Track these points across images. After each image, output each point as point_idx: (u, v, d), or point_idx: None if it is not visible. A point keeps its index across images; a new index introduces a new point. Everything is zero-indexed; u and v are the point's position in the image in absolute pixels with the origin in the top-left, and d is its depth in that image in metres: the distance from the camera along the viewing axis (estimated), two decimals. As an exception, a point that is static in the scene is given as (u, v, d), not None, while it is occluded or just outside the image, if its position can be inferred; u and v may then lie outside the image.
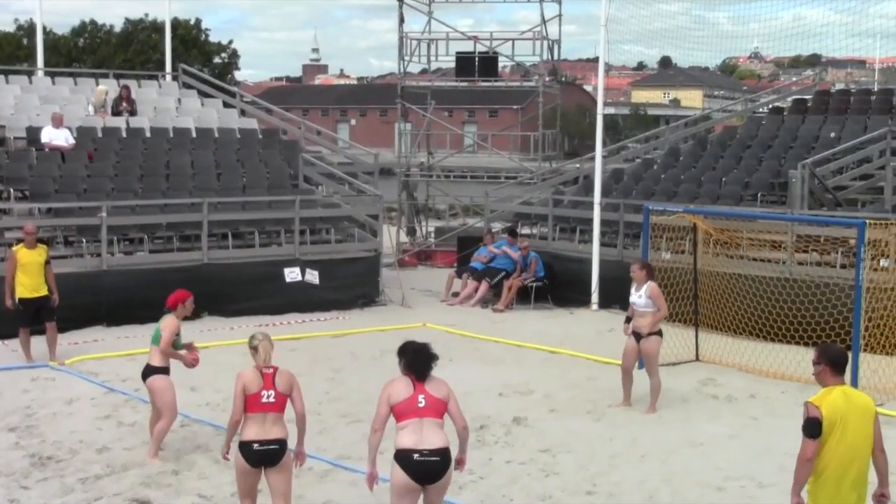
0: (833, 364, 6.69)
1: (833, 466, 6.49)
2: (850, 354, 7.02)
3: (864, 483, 6.65)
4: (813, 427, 6.47)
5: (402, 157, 28.46)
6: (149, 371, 10.24)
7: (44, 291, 14.37)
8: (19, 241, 15.04)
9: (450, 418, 7.26)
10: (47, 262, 14.47)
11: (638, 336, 12.30)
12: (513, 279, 20.03)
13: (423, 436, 7.06)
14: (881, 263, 14.71)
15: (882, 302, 14.01)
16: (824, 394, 6.59)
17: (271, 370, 7.77)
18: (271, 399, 7.66)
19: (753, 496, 9.49)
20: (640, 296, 12.28)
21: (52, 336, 14.42)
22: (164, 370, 10.22)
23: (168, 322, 10.24)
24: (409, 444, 7.06)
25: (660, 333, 12.37)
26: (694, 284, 15.65)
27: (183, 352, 10.45)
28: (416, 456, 7.03)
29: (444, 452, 7.11)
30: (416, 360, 7.27)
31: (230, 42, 72.26)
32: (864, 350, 13.12)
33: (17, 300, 14.27)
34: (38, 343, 14.45)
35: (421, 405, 7.12)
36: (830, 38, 23.00)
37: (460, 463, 7.42)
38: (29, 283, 14.26)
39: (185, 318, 10.69)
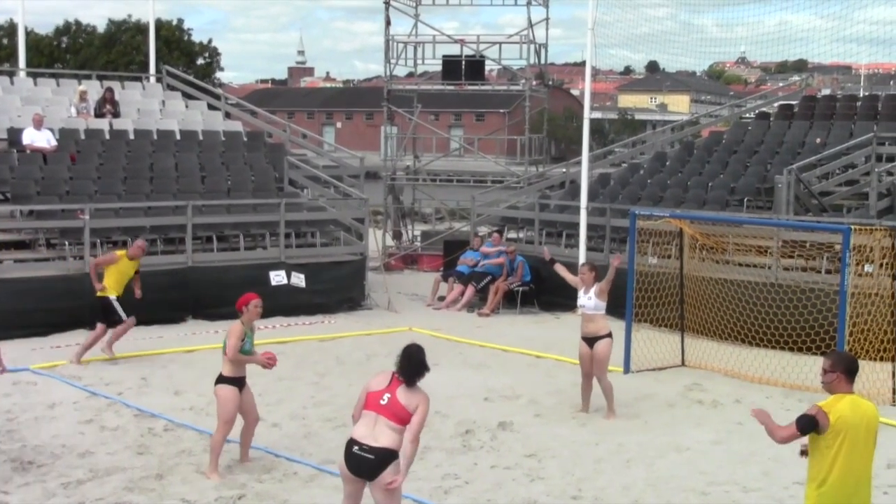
0: (849, 373, 6.63)
1: (835, 475, 6.43)
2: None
3: (867, 493, 6.57)
4: (808, 424, 6.41)
5: (388, 160, 28.43)
6: (218, 379, 9.96)
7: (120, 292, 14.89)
8: (120, 244, 16.38)
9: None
10: (136, 272, 15.03)
11: (589, 341, 12.29)
12: (499, 283, 20.01)
13: (373, 431, 7.11)
14: (866, 269, 14.77)
15: (866, 307, 14.04)
16: (834, 401, 6.52)
17: None
18: None
19: (738, 501, 9.46)
20: (590, 297, 12.28)
21: (121, 330, 14.79)
22: (234, 380, 9.87)
23: (232, 328, 9.95)
24: (357, 434, 7.17)
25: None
26: (680, 289, 15.64)
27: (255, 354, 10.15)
28: (354, 447, 7.14)
29: (383, 452, 7.09)
30: (403, 362, 7.28)
31: (210, 41, 71.67)
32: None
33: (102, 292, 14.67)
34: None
35: (383, 402, 7.17)
36: (815, 43, 23.12)
37: (392, 481, 7.07)
38: (115, 286, 14.75)
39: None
